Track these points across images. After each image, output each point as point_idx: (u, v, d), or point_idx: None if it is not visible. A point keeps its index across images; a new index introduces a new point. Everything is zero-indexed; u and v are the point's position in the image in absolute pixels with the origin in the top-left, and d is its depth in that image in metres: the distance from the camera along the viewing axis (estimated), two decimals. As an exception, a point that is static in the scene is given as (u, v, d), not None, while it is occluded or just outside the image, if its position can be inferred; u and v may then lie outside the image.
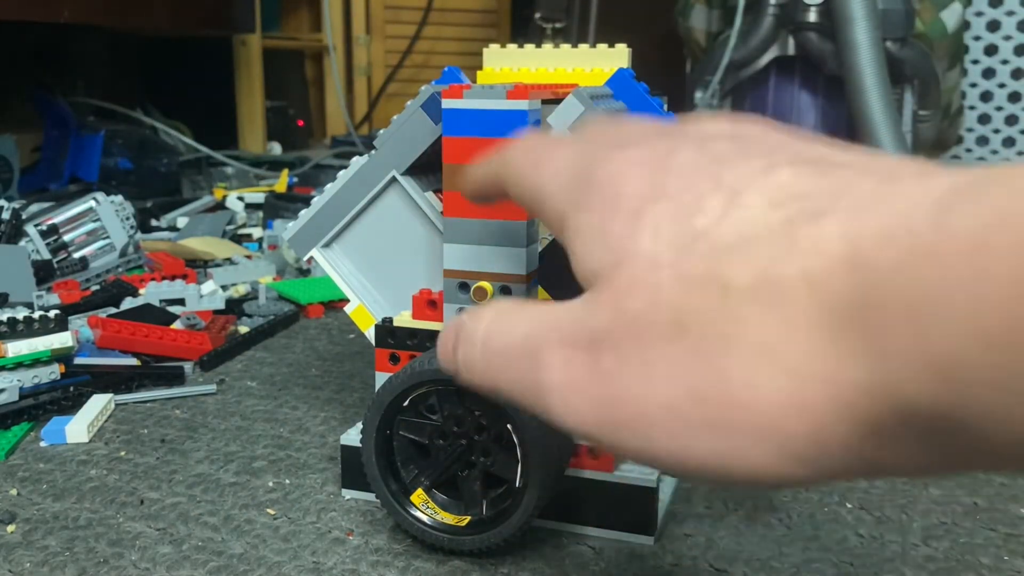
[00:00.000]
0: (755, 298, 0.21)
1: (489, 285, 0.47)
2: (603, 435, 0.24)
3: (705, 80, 1.58)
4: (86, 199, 1.02)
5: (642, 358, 0.23)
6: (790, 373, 0.21)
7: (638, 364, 0.23)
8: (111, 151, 1.57)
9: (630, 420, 0.23)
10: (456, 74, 0.54)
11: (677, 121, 0.28)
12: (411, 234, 0.53)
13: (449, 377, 0.45)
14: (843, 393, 0.20)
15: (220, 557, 0.47)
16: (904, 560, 0.48)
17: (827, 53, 1.46)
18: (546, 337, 0.25)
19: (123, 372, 0.72)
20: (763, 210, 0.22)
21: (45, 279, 0.94)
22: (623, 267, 0.24)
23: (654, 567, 0.47)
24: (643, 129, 0.27)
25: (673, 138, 0.26)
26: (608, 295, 0.24)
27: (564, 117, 0.47)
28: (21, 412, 0.64)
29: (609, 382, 0.24)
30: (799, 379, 0.21)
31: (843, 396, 0.20)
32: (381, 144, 0.52)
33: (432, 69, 2.54)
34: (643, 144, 0.26)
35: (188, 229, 1.29)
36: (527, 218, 0.46)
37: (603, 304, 0.24)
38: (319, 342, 0.85)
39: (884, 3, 1.43)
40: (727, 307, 0.22)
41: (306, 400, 0.70)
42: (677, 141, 0.25)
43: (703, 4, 1.70)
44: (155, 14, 1.68)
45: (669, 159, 0.25)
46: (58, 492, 0.54)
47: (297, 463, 0.59)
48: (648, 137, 0.26)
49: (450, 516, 0.47)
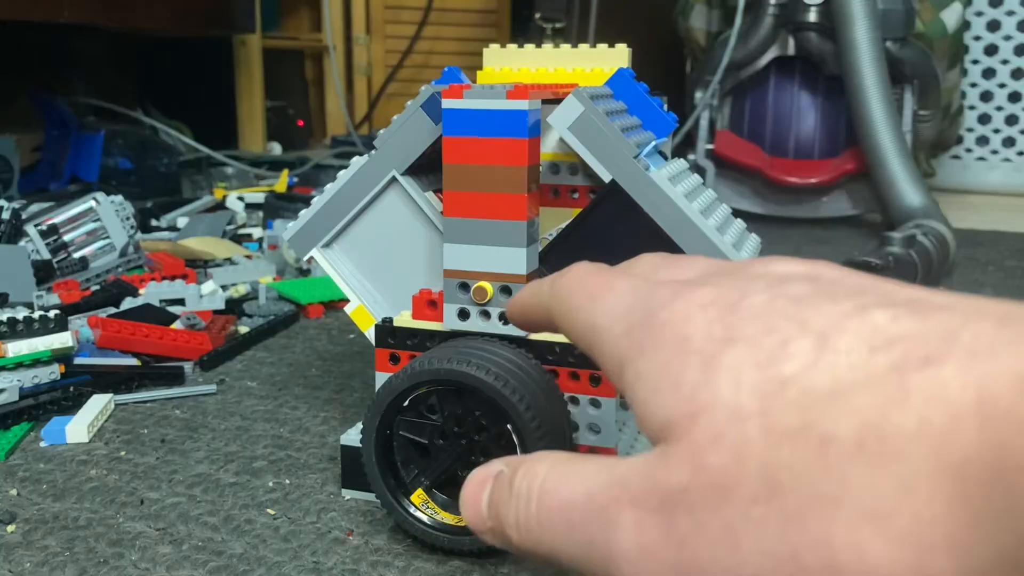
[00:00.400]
0: (862, 453, 0.19)
1: (489, 285, 0.47)
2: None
3: (705, 80, 1.58)
4: (86, 199, 1.02)
5: (725, 522, 0.20)
6: (907, 540, 0.18)
7: (720, 529, 0.21)
8: (111, 151, 1.57)
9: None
10: (456, 74, 0.54)
11: (742, 261, 0.27)
12: (411, 234, 0.53)
13: (449, 377, 0.45)
14: (972, 564, 0.18)
15: (220, 557, 0.47)
16: (904, 560, 0.47)
17: (827, 53, 1.46)
18: (614, 495, 0.22)
19: (123, 372, 0.72)
20: (862, 355, 0.20)
21: (45, 279, 0.94)
22: (700, 419, 0.21)
23: (654, 567, 0.47)
24: (705, 266, 0.26)
25: (741, 278, 0.24)
26: (684, 450, 0.22)
27: (564, 117, 0.47)
28: (21, 412, 0.64)
29: (687, 549, 0.21)
30: (918, 548, 0.18)
31: (971, 568, 0.18)
32: (381, 144, 0.52)
33: (432, 69, 2.54)
34: (708, 283, 0.24)
35: (188, 229, 1.29)
36: (527, 218, 0.46)
37: (678, 460, 0.22)
38: (319, 342, 0.85)
39: (884, 3, 1.43)
40: (828, 463, 0.19)
41: (306, 400, 0.70)
42: (746, 281, 0.23)
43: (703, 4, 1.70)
44: (155, 14, 1.68)
45: (742, 300, 0.23)
46: (58, 492, 0.54)
47: (297, 463, 0.59)
48: (712, 275, 0.24)
49: (450, 516, 0.47)
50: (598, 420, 0.48)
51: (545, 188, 0.51)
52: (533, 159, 0.46)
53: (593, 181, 0.50)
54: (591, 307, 0.26)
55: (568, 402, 0.48)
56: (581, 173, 0.50)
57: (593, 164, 0.47)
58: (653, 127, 0.52)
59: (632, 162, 0.46)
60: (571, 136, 0.47)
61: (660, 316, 0.23)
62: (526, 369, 0.46)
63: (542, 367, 0.48)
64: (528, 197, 0.46)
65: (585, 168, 0.49)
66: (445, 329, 0.49)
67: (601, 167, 0.47)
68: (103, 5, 1.54)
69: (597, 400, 0.48)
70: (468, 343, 0.47)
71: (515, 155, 0.45)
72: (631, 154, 0.46)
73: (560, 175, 0.51)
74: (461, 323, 0.48)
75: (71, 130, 1.58)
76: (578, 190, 0.51)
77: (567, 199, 0.51)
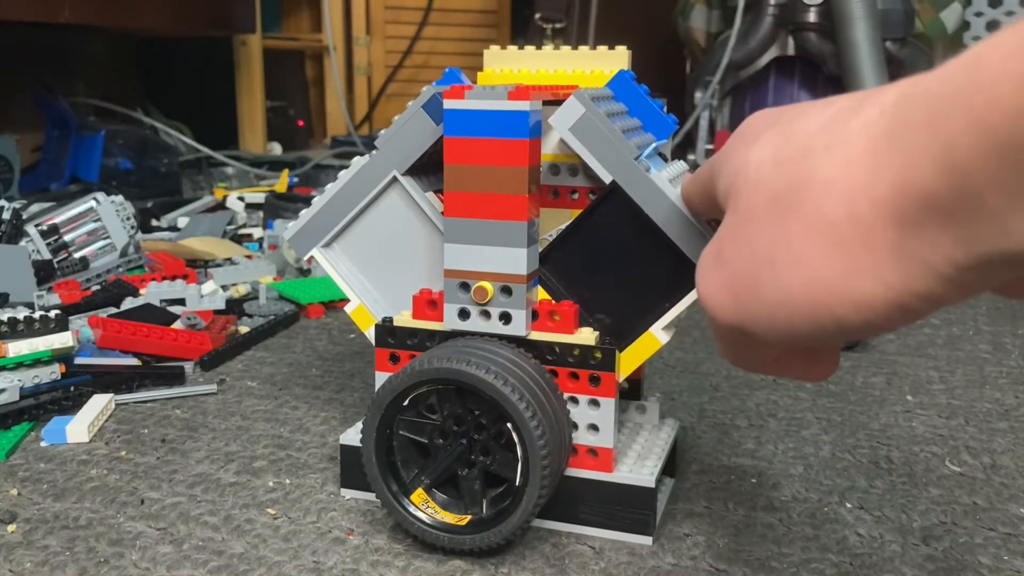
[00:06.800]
0: (826, 151, 0.28)
1: (490, 285, 0.47)
2: (733, 310, 0.31)
3: (705, 80, 1.58)
4: (87, 199, 1.02)
5: (749, 236, 0.30)
6: (845, 191, 0.27)
7: (746, 243, 0.30)
8: (112, 151, 1.57)
9: (742, 286, 0.31)
10: (457, 75, 0.54)
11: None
12: (412, 234, 0.53)
13: (449, 376, 0.45)
14: (878, 196, 0.26)
15: (220, 557, 0.47)
16: (904, 560, 0.48)
17: (827, 53, 1.46)
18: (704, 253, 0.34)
19: (123, 372, 0.72)
20: (846, 102, 0.29)
21: (46, 279, 0.94)
22: (739, 176, 0.32)
23: (654, 567, 0.47)
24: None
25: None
26: (731, 203, 0.32)
27: (565, 118, 0.47)
28: (22, 412, 0.64)
29: (727, 266, 0.31)
30: (850, 193, 0.27)
31: (878, 198, 0.26)
32: (382, 144, 0.52)
33: (432, 69, 2.54)
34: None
35: (188, 229, 1.29)
36: (528, 218, 0.46)
37: (728, 213, 0.32)
38: (319, 342, 0.85)
39: (884, 3, 1.43)
40: (808, 166, 0.28)
41: (306, 400, 0.70)
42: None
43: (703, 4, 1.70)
44: (155, 14, 1.68)
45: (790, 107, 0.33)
46: (58, 492, 0.55)
47: (297, 463, 0.59)
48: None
49: (450, 515, 0.48)
50: (597, 420, 0.48)
51: (545, 189, 0.51)
52: (534, 160, 0.46)
53: (593, 182, 0.50)
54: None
55: (568, 401, 0.48)
56: (581, 174, 0.50)
57: (594, 165, 0.47)
58: (653, 129, 0.52)
59: (633, 163, 0.47)
60: (572, 137, 0.47)
61: (740, 129, 0.35)
62: (526, 368, 0.46)
63: (542, 366, 0.48)
64: (529, 198, 0.46)
65: (585, 169, 0.49)
66: (445, 329, 0.49)
67: (602, 168, 0.47)
68: (103, 5, 1.54)
69: (597, 400, 0.48)
70: (468, 343, 0.47)
71: (516, 156, 0.45)
72: (632, 156, 0.47)
73: (560, 176, 0.51)
74: (461, 323, 0.48)
75: (71, 130, 1.58)
76: (578, 191, 0.51)
77: (567, 200, 0.51)
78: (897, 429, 0.65)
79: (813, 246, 0.28)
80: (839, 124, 0.28)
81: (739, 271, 0.31)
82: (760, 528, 0.51)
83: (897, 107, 0.26)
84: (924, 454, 0.61)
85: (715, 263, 0.32)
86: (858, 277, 0.27)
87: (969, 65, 0.24)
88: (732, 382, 0.75)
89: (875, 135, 0.26)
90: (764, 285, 0.30)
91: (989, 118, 0.23)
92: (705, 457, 0.60)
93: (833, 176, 0.27)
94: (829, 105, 0.30)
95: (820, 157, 0.28)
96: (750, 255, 0.30)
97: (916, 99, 0.25)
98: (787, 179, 0.29)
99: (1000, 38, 0.23)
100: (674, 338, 0.49)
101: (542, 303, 0.49)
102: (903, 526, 0.51)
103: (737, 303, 0.31)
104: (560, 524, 0.50)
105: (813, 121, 0.30)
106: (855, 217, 0.27)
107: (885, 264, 0.26)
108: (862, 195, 0.26)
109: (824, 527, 0.51)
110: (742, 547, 0.49)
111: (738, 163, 0.32)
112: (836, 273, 0.27)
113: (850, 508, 0.53)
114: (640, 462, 0.51)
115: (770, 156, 0.30)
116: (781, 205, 0.29)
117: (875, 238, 0.26)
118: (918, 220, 0.25)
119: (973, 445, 0.62)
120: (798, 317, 0.29)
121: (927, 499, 0.54)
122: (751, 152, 0.32)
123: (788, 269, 0.29)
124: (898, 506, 0.53)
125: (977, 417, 0.68)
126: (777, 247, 0.29)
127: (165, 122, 1.87)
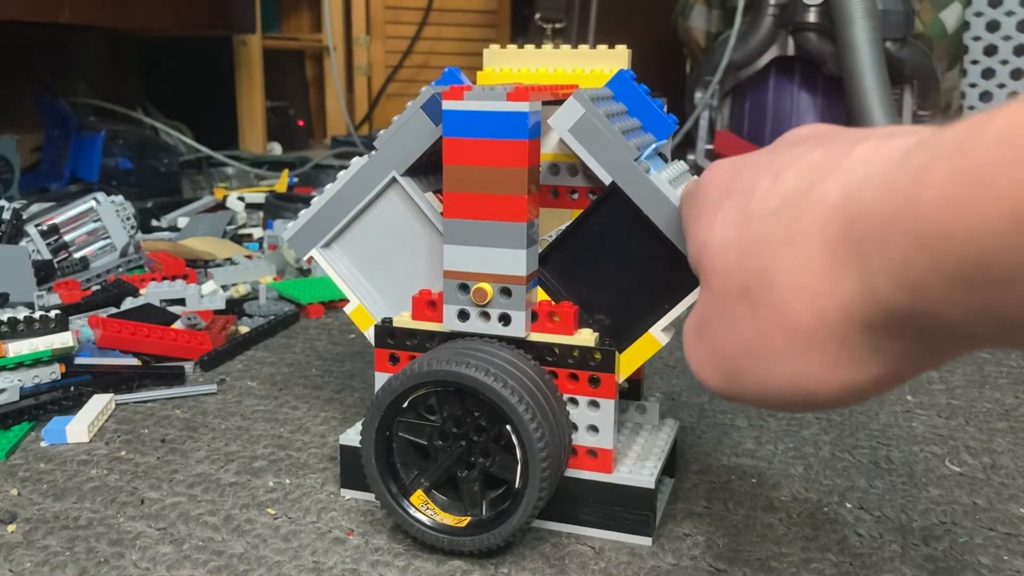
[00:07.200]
0: (786, 245, 0.29)
1: (489, 286, 0.47)
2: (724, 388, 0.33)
3: (705, 80, 1.58)
4: (87, 199, 1.02)
5: (728, 322, 0.31)
6: (811, 295, 0.28)
7: (726, 328, 0.32)
8: (112, 151, 1.57)
9: (730, 369, 0.32)
10: (456, 75, 0.54)
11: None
12: (411, 235, 0.53)
13: (448, 378, 0.45)
14: (844, 303, 0.27)
15: (220, 557, 0.47)
16: (904, 560, 0.48)
17: (827, 53, 1.46)
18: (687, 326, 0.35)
19: (124, 372, 0.72)
20: (794, 183, 0.29)
21: (46, 279, 0.94)
22: (704, 256, 0.33)
23: (654, 567, 0.47)
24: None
25: (764, 148, 0.34)
26: (703, 279, 0.33)
27: (565, 119, 0.47)
28: (22, 412, 0.64)
29: (712, 347, 0.33)
30: (817, 298, 0.28)
31: (845, 304, 0.27)
32: (381, 144, 0.52)
33: (432, 69, 2.54)
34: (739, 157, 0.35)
35: (188, 229, 1.29)
36: (527, 220, 0.46)
37: (702, 288, 0.34)
38: (319, 342, 0.85)
39: (884, 3, 1.43)
40: (769, 260, 0.29)
41: (306, 400, 0.70)
42: (762, 150, 0.34)
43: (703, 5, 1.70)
44: (155, 14, 1.68)
45: (745, 161, 0.33)
46: (59, 492, 0.55)
47: (297, 463, 0.59)
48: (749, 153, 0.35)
49: (450, 517, 0.48)
50: (597, 421, 0.48)
51: (545, 189, 0.51)
52: (533, 161, 0.46)
53: (593, 182, 0.50)
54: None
55: (567, 403, 0.48)
56: (581, 174, 0.50)
57: (594, 166, 0.47)
58: (653, 129, 0.52)
59: (633, 164, 0.47)
60: (572, 138, 0.47)
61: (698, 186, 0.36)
62: (525, 370, 0.46)
63: (541, 368, 0.48)
64: (528, 199, 0.46)
65: (585, 169, 0.49)
66: (445, 330, 0.49)
67: (602, 169, 0.47)
68: (103, 5, 1.54)
69: (596, 401, 0.48)
70: (468, 344, 0.47)
71: (515, 157, 0.45)
72: (632, 156, 0.47)
73: (560, 176, 0.51)
74: (461, 324, 0.48)
75: (71, 130, 1.58)
76: (578, 191, 0.51)
77: (567, 200, 0.51)
78: (897, 429, 0.65)
79: (789, 343, 0.29)
80: (790, 216, 0.29)
81: (723, 354, 0.32)
82: (760, 528, 0.51)
83: (845, 212, 0.27)
84: (924, 454, 0.61)
85: (699, 337, 0.34)
86: (840, 370, 0.28)
87: (912, 185, 0.24)
88: (732, 382, 0.75)
89: (829, 241, 0.27)
90: (749, 371, 0.31)
91: (937, 245, 0.23)
92: (705, 457, 0.60)
93: (796, 278, 0.28)
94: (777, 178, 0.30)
95: (780, 252, 0.29)
96: (731, 341, 0.32)
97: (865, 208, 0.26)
98: (753, 271, 0.30)
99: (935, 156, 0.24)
100: (674, 338, 0.49)
101: (542, 304, 0.49)
102: (903, 526, 0.51)
103: (725, 381, 0.33)
104: (560, 525, 0.50)
105: (766, 202, 0.30)
106: (825, 320, 0.28)
107: (864, 359, 0.28)
108: (828, 301, 0.27)
109: (824, 527, 0.51)
110: (742, 547, 0.49)
111: (703, 238, 0.33)
112: (816, 368, 0.29)
113: (850, 508, 0.53)
114: (640, 463, 0.51)
115: (733, 239, 0.31)
116: (752, 298, 0.30)
117: (849, 339, 0.27)
118: (886, 326, 0.26)
119: (973, 445, 0.62)
120: (789, 399, 0.30)
121: (927, 499, 0.54)
122: (714, 229, 0.33)
123: (769, 360, 0.30)
124: (898, 506, 0.53)
125: (977, 417, 0.68)
126: (755, 338, 0.30)
127: (165, 122, 1.87)
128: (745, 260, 0.30)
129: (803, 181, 0.29)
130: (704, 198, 0.35)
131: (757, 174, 0.32)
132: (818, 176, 0.29)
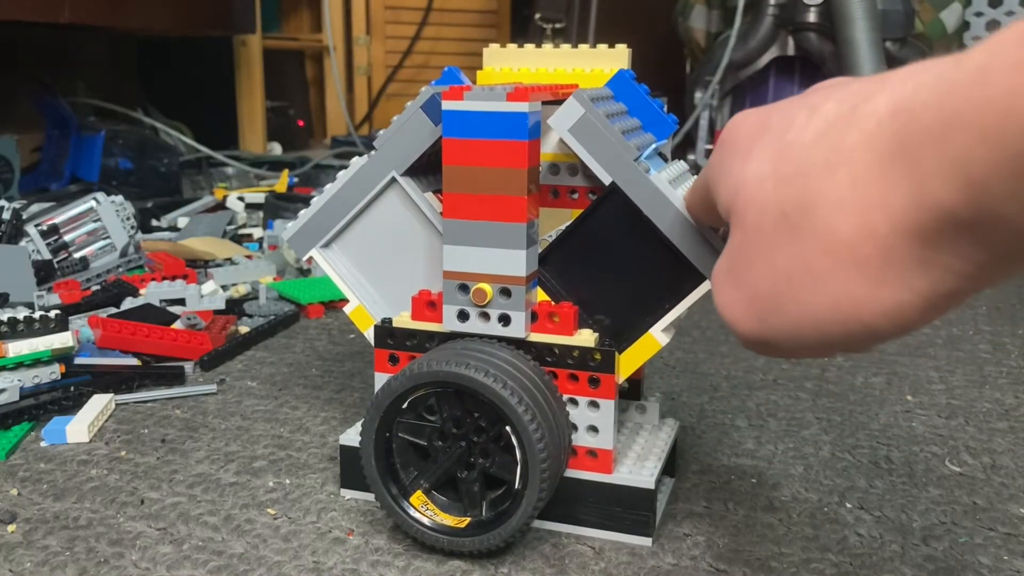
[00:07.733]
0: (828, 168, 0.28)
1: (489, 287, 0.47)
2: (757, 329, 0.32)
3: (705, 80, 1.58)
4: (87, 199, 1.02)
5: (764, 254, 0.31)
6: (857, 210, 0.27)
7: (761, 261, 0.31)
8: (111, 151, 1.57)
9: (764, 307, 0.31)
10: (456, 74, 0.54)
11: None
12: (411, 235, 0.53)
13: (448, 379, 0.45)
14: (895, 213, 0.26)
15: (220, 557, 0.47)
16: (904, 560, 0.48)
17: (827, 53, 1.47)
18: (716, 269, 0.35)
19: (123, 372, 0.72)
20: (835, 109, 0.29)
21: (46, 279, 0.94)
22: (740, 194, 0.32)
23: (654, 567, 0.47)
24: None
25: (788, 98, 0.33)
26: (736, 220, 0.32)
27: (564, 119, 0.47)
28: (22, 412, 0.64)
29: (744, 286, 0.32)
30: (862, 212, 0.27)
31: (895, 216, 0.26)
32: (381, 144, 0.52)
33: (432, 69, 2.54)
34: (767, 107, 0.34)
35: (188, 229, 1.29)
36: (527, 220, 0.46)
37: (735, 229, 0.33)
38: (319, 342, 0.85)
39: (884, 3, 1.43)
40: (811, 185, 0.29)
41: (306, 400, 0.70)
42: (788, 99, 0.33)
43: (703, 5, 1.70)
44: (155, 14, 1.68)
45: (773, 106, 0.33)
46: (58, 492, 0.55)
47: (297, 463, 0.59)
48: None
49: (450, 518, 0.48)
50: (597, 421, 0.48)
51: (545, 189, 0.51)
52: (533, 161, 0.46)
53: (592, 182, 0.50)
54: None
55: (567, 403, 0.48)
56: (581, 174, 0.50)
57: (594, 166, 0.47)
58: (653, 129, 0.52)
59: (632, 164, 0.47)
60: (572, 138, 0.47)
61: (723, 136, 0.35)
62: (525, 371, 0.46)
63: (541, 369, 0.48)
64: (528, 199, 0.46)
65: (585, 169, 0.49)
66: (444, 330, 0.49)
67: (602, 169, 0.47)
68: (103, 5, 1.54)
69: (596, 402, 0.48)
70: (467, 345, 0.47)
71: (515, 157, 0.45)
72: (632, 156, 0.47)
73: (560, 176, 0.51)
74: (460, 324, 0.48)
75: (71, 130, 1.58)
76: (578, 191, 0.51)
77: (567, 200, 0.51)
78: (897, 429, 0.65)
79: (832, 263, 0.28)
80: (835, 137, 0.28)
81: (757, 289, 0.31)
82: (760, 528, 0.51)
83: (896, 120, 0.26)
84: (924, 454, 0.61)
85: (730, 280, 0.33)
86: (884, 289, 0.27)
87: (974, 79, 0.24)
88: (732, 382, 0.75)
89: (879, 152, 0.27)
90: (786, 303, 0.30)
91: (1004, 131, 0.23)
92: (705, 457, 0.60)
93: (841, 195, 0.28)
94: (815, 110, 0.30)
95: (823, 174, 0.28)
96: (767, 274, 0.31)
97: (918, 113, 0.26)
98: (793, 197, 0.29)
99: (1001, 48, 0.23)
100: (674, 338, 0.49)
101: (541, 304, 0.49)
102: (903, 526, 0.51)
103: (760, 320, 0.32)
104: (560, 525, 0.50)
105: (806, 132, 0.30)
106: (872, 234, 0.27)
107: (910, 274, 0.27)
108: (876, 213, 0.27)
109: (824, 527, 0.51)
110: (742, 547, 0.49)
111: (736, 179, 0.33)
112: (861, 287, 0.28)
113: (850, 508, 0.53)
114: (640, 463, 0.51)
115: (770, 172, 0.31)
116: (791, 224, 0.29)
117: (896, 252, 0.27)
118: (938, 233, 0.26)
119: (973, 445, 0.62)
120: (827, 330, 0.29)
121: (927, 499, 0.54)
122: (748, 167, 0.32)
123: (810, 286, 0.29)
124: (898, 506, 0.53)
125: (977, 417, 0.68)
126: (794, 266, 0.29)
127: (165, 122, 1.87)
128: (784, 189, 0.30)
129: (845, 105, 0.29)
130: (732, 146, 0.34)
131: (791, 110, 0.31)
132: (861, 98, 0.28)
